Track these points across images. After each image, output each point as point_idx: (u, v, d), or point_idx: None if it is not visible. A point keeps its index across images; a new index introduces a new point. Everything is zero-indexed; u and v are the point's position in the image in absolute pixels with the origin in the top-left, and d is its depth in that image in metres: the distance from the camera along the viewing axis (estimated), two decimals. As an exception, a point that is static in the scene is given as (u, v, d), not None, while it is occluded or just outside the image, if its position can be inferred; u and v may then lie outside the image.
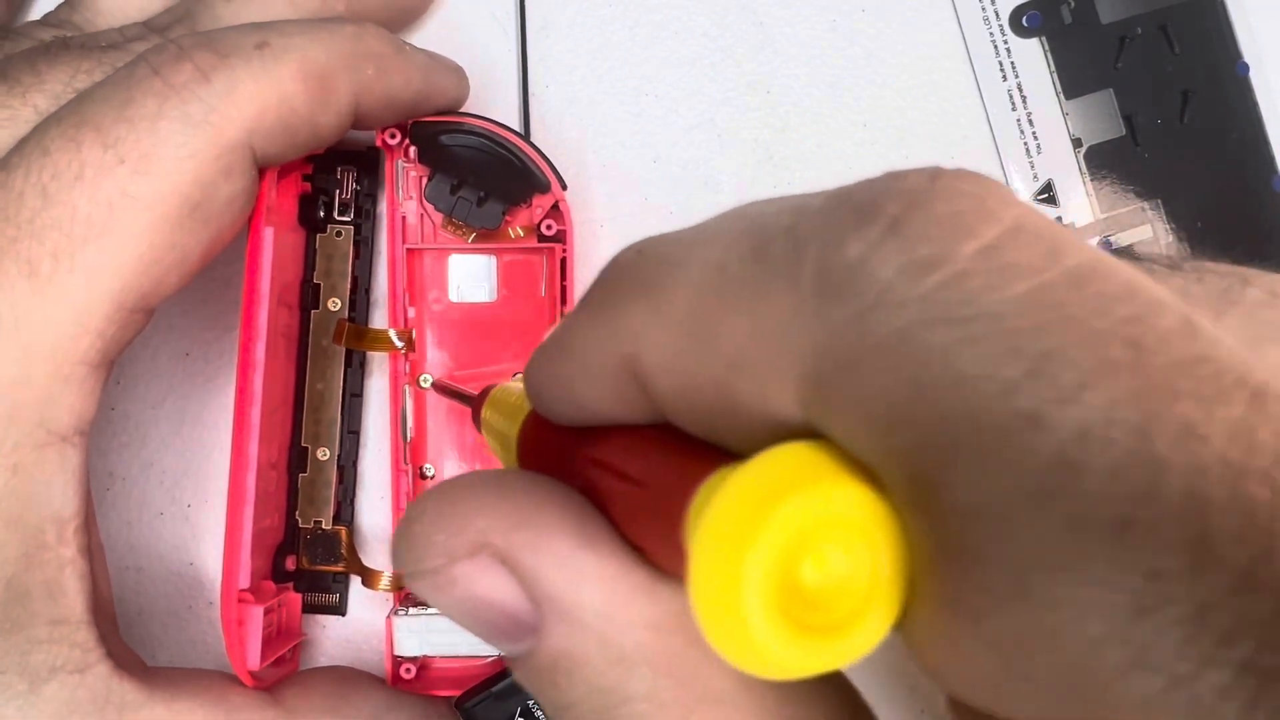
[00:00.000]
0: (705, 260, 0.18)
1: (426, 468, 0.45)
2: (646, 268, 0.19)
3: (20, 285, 0.32)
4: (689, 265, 0.18)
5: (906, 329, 0.15)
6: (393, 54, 0.38)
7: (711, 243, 0.18)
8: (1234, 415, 0.14)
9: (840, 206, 0.16)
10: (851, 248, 0.16)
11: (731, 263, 0.17)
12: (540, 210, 0.43)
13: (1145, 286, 0.15)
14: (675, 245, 0.19)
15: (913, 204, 0.16)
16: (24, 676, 0.33)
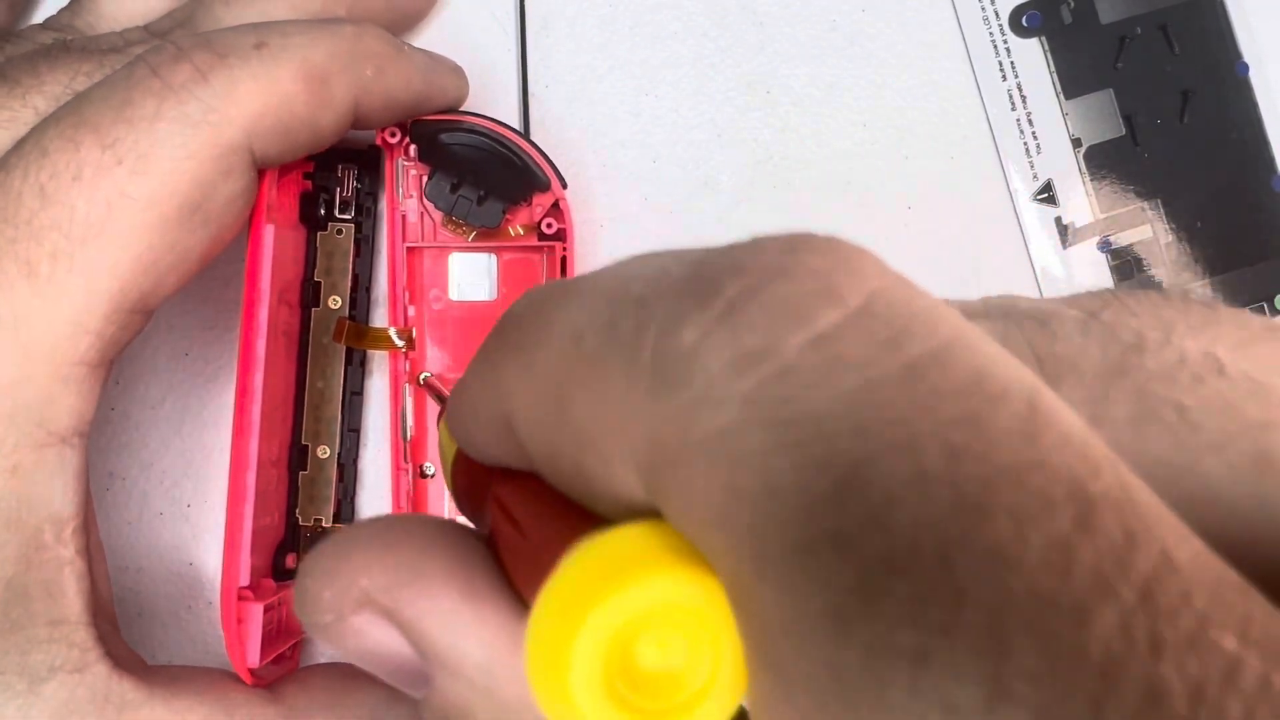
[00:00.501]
0: (569, 325, 0.17)
1: (426, 466, 0.45)
2: (527, 322, 0.19)
3: (19, 286, 0.32)
4: (558, 327, 0.17)
5: (727, 429, 0.14)
6: (392, 54, 0.38)
7: (582, 304, 0.17)
8: (1053, 534, 0.13)
9: (689, 283, 0.16)
10: (687, 334, 0.15)
11: (588, 333, 0.17)
12: (540, 209, 0.43)
13: (995, 374, 0.14)
14: (558, 299, 0.18)
15: (754, 285, 0.15)
16: (23, 676, 0.33)
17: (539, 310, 0.18)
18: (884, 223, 0.47)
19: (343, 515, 0.45)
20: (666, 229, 0.47)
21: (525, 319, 0.19)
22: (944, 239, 0.47)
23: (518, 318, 0.19)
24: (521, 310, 0.19)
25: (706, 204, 0.47)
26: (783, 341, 0.14)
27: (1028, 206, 0.48)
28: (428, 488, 0.45)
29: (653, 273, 0.16)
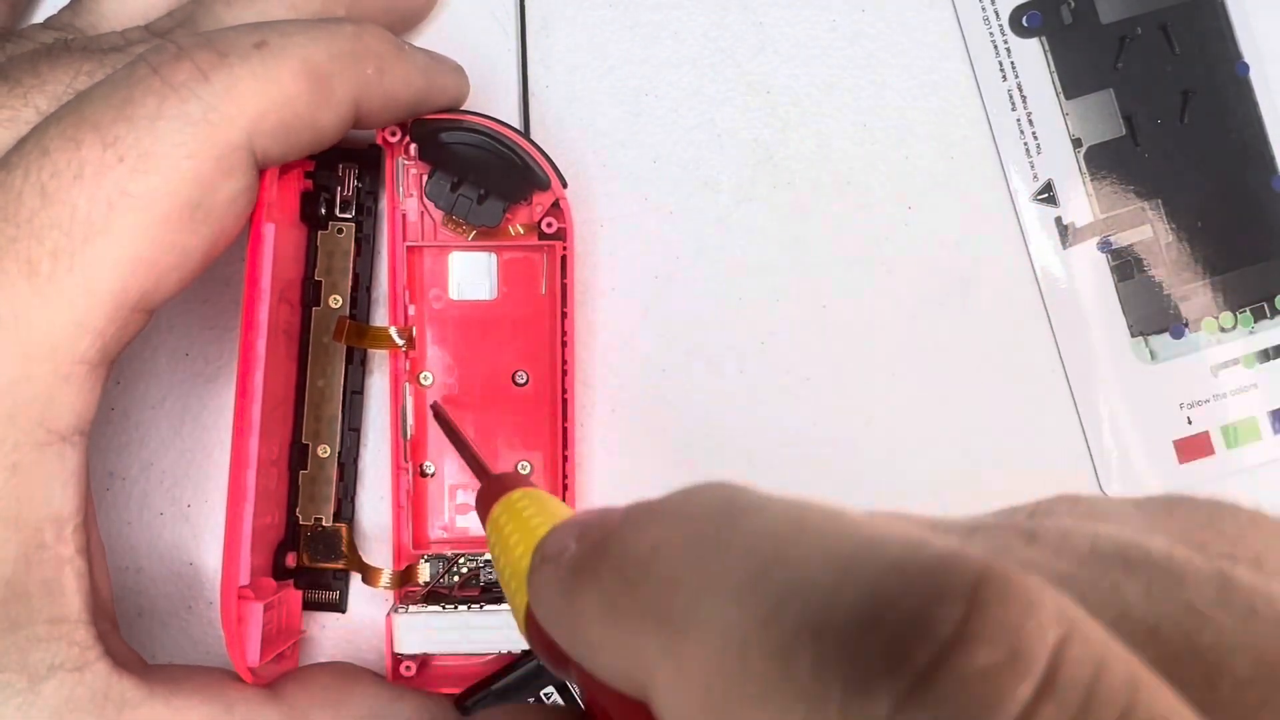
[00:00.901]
0: (728, 627, 0.17)
1: (426, 465, 0.45)
2: (661, 586, 0.19)
3: (20, 285, 0.32)
4: (708, 620, 0.18)
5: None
6: (393, 53, 0.38)
7: (731, 593, 0.18)
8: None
9: (872, 634, 0.15)
10: (879, 707, 0.15)
11: (755, 654, 0.16)
12: (540, 208, 0.43)
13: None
14: (688, 566, 0.19)
15: (942, 655, 0.15)
16: (23, 675, 0.33)
17: (678, 578, 0.19)
18: (884, 223, 0.47)
19: (343, 514, 0.45)
20: (666, 229, 0.47)
21: (662, 584, 0.19)
22: (944, 239, 0.47)
23: (651, 573, 0.20)
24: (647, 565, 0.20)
25: (706, 204, 0.47)
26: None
27: (1028, 206, 0.48)
28: (427, 486, 0.45)
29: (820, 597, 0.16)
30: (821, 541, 0.17)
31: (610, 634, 0.20)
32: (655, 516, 0.21)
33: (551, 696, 0.43)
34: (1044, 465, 0.48)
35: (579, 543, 0.22)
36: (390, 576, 0.43)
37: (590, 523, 0.23)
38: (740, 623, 0.17)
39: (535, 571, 0.24)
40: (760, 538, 0.18)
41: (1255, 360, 0.48)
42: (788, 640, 0.16)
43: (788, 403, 0.47)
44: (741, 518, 0.19)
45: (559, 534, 0.24)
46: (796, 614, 0.16)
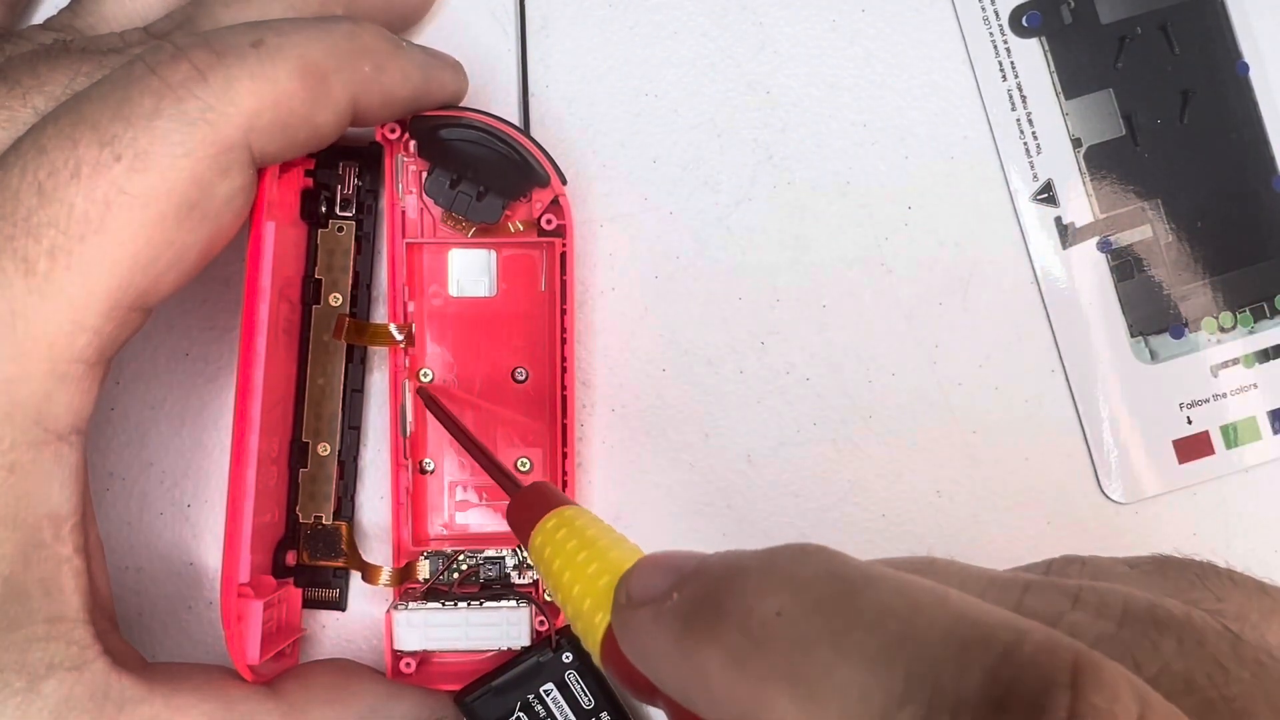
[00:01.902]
0: (865, 695, 0.20)
1: (426, 462, 0.45)
2: (790, 648, 0.21)
3: (17, 283, 0.32)
4: (842, 686, 0.20)
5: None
6: (390, 51, 0.38)
7: (863, 663, 0.20)
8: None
9: (1002, 715, 0.18)
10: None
11: (891, 714, 0.19)
12: (540, 205, 0.43)
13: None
14: (816, 631, 0.21)
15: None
16: (22, 674, 0.33)
17: (803, 639, 0.21)
18: (884, 223, 0.47)
19: (343, 512, 0.45)
20: (666, 229, 0.47)
21: (788, 640, 0.21)
22: (944, 239, 0.47)
23: (774, 631, 0.22)
24: (770, 621, 0.22)
25: (706, 204, 0.47)
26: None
27: (1028, 206, 0.48)
28: (427, 483, 0.45)
29: (945, 663, 0.19)
30: (944, 621, 0.20)
31: (735, 687, 0.22)
32: (771, 580, 0.23)
33: (551, 693, 0.43)
34: (1044, 465, 0.48)
35: (682, 593, 0.24)
36: (390, 574, 0.43)
37: (684, 570, 0.25)
38: (877, 694, 0.20)
39: (625, 611, 0.26)
40: (883, 613, 0.21)
41: (1255, 360, 0.48)
42: (926, 715, 0.19)
43: (788, 403, 0.47)
44: (859, 592, 0.21)
45: (646, 576, 0.26)
46: (929, 692, 0.19)
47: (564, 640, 0.43)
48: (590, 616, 0.28)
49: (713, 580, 0.24)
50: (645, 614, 0.25)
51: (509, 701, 0.43)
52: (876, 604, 0.21)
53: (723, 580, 0.24)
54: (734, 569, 0.24)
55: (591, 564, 0.29)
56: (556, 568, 0.30)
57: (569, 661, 0.43)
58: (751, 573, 0.23)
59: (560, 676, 0.43)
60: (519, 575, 0.45)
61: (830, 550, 0.23)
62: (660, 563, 0.26)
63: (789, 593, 0.22)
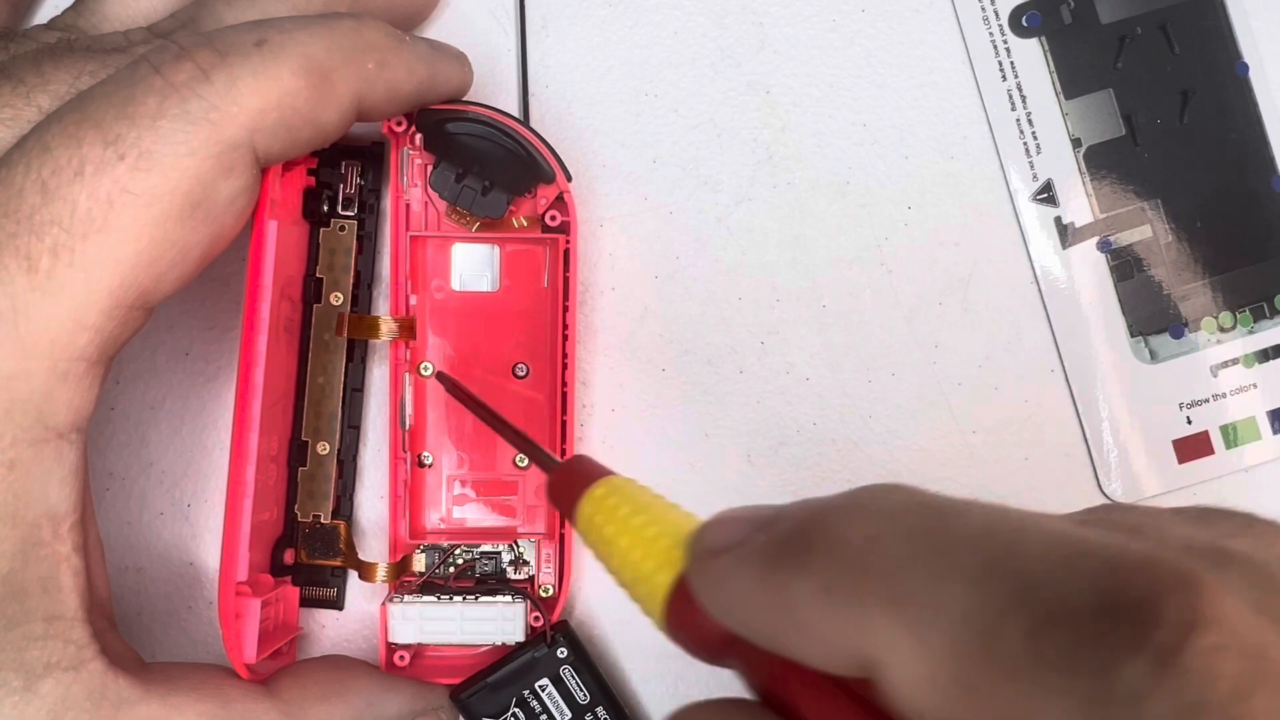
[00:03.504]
0: (969, 607, 0.20)
1: (425, 456, 0.45)
2: (888, 571, 0.22)
3: (19, 281, 0.32)
4: (948, 602, 0.21)
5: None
6: (393, 46, 0.38)
7: (966, 580, 0.21)
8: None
9: (1114, 618, 0.19)
10: (1127, 675, 0.18)
11: (1007, 634, 0.20)
12: (545, 201, 0.43)
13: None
14: (913, 554, 0.22)
15: (1176, 639, 0.18)
16: (20, 673, 0.33)
17: (901, 562, 0.22)
18: (884, 223, 0.47)
19: (341, 512, 0.45)
20: (666, 229, 0.47)
21: (885, 568, 0.22)
22: (944, 239, 0.47)
23: (866, 558, 0.22)
24: (863, 551, 0.22)
25: (706, 204, 0.47)
26: (1210, 695, 0.18)
27: (1028, 206, 0.48)
28: (425, 477, 0.45)
29: (1055, 590, 0.20)
30: (1041, 540, 0.21)
31: (829, 616, 0.22)
32: (859, 510, 0.23)
33: (546, 688, 0.43)
34: (1044, 465, 0.48)
35: (767, 533, 0.25)
36: (386, 568, 0.43)
37: (763, 516, 0.25)
38: (980, 609, 0.20)
39: (705, 559, 0.26)
40: (979, 535, 0.21)
41: (1255, 360, 0.48)
42: (1034, 625, 0.19)
43: (788, 403, 0.47)
44: (952, 516, 0.22)
45: (724, 526, 0.26)
46: (1037, 603, 0.20)
47: (559, 635, 0.43)
48: (652, 578, 0.28)
49: (798, 519, 0.24)
50: (728, 558, 0.25)
51: (504, 697, 0.43)
52: (971, 526, 0.22)
53: (808, 517, 0.24)
54: (818, 506, 0.24)
55: (650, 527, 0.29)
56: (610, 534, 0.29)
57: (564, 656, 0.43)
58: (838, 507, 0.24)
59: (555, 671, 0.43)
60: (515, 570, 0.45)
61: (913, 487, 0.24)
62: (736, 514, 0.26)
63: (880, 521, 0.23)
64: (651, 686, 0.47)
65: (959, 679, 0.20)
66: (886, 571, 0.22)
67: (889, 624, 0.21)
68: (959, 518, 0.22)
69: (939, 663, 0.20)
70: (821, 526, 0.23)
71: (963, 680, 0.20)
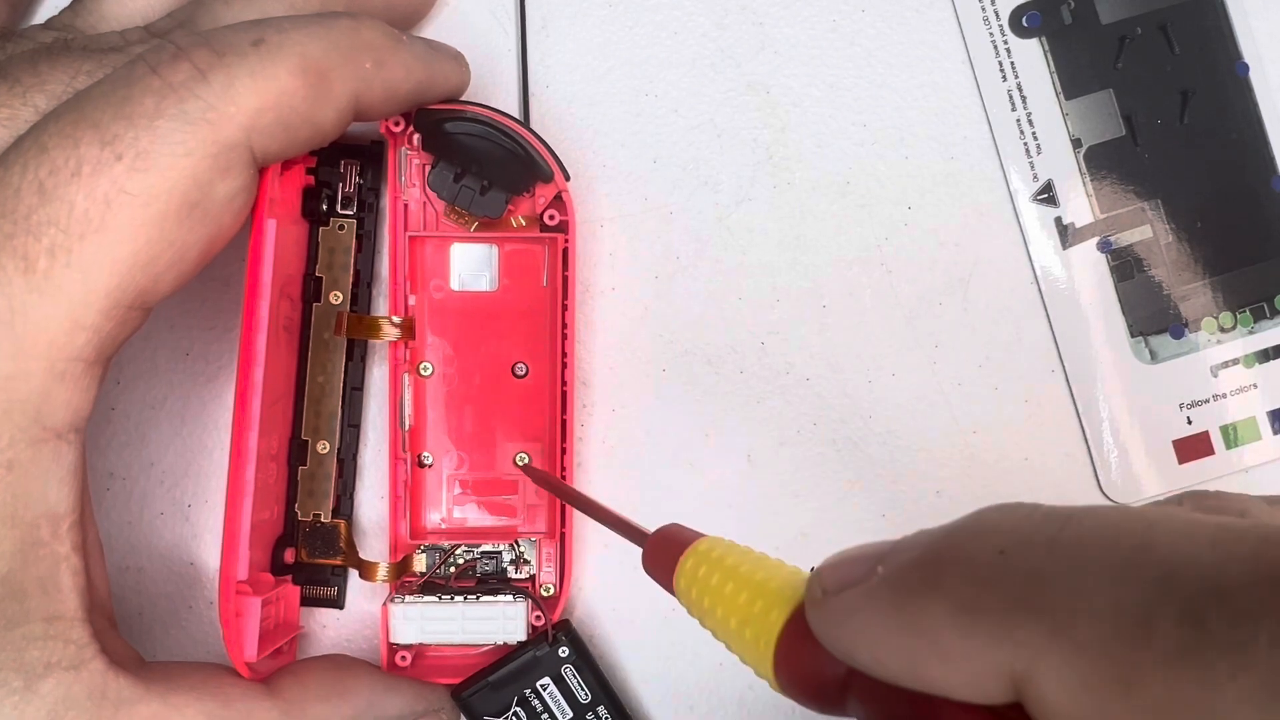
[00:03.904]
0: (1117, 601, 0.20)
1: (425, 456, 0.45)
2: (1026, 580, 0.21)
3: (16, 281, 0.32)
4: (1093, 599, 0.20)
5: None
6: (390, 45, 0.38)
7: (1108, 576, 0.20)
8: None
9: (1272, 584, 0.19)
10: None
11: (1162, 622, 0.19)
12: (543, 200, 0.43)
13: None
14: (1048, 560, 0.21)
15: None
16: (20, 673, 0.33)
17: (1035, 571, 0.21)
18: (884, 223, 0.47)
19: (341, 510, 0.45)
20: (666, 229, 0.47)
21: (1018, 579, 0.21)
22: (944, 239, 0.47)
23: (1000, 574, 0.22)
24: (997, 565, 0.22)
25: (706, 204, 0.47)
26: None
27: (1028, 206, 0.48)
28: (425, 477, 0.45)
29: (1205, 563, 0.20)
30: (1176, 529, 0.20)
31: (972, 635, 0.22)
32: (982, 529, 0.23)
33: (548, 688, 0.43)
34: (1044, 465, 0.48)
35: (887, 566, 0.24)
36: (386, 568, 0.43)
37: (879, 551, 0.25)
38: (1132, 599, 0.20)
39: (826, 601, 0.25)
40: (1111, 532, 0.21)
41: (1255, 360, 0.48)
42: (1192, 608, 0.19)
43: (788, 403, 0.47)
44: (1080, 520, 0.22)
45: (838, 568, 0.26)
46: (1190, 586, 0.19)
47: (560, 634, 0.43)
48: (754, 644, 0.28)
49: (923, 545, 0.24)
50: (851, 595, 0.24)
51: (506, 696, 0.43)
52: (1102, 526, 0.21)
53: (933, 542, 0.24)
54: (940, 531, 0.24)
55: (741, 594, 0.28)
56: (708, 605, 0.29)
57: (565, 656, 0.43)
58: (962, 528, 0.23)
59: (557, 671, 0.43)
60: (515, 570, 0.45)
61: (1022, 504, 0.24)
62: (850, 553, 0.26)
63: (1007, 534, 0.22)
64: (652, 686, 0.47)
65: (1117, 676, 0.19)
66: (1024, 581, 0.21)
67: (1035, 633, 0.21)
68: (1086, 520, 0.22)
69: (1093, 663, 0.20)
70: (950, 548, 0.23)
71: (1121, 676, 0.19)
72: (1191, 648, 0.19)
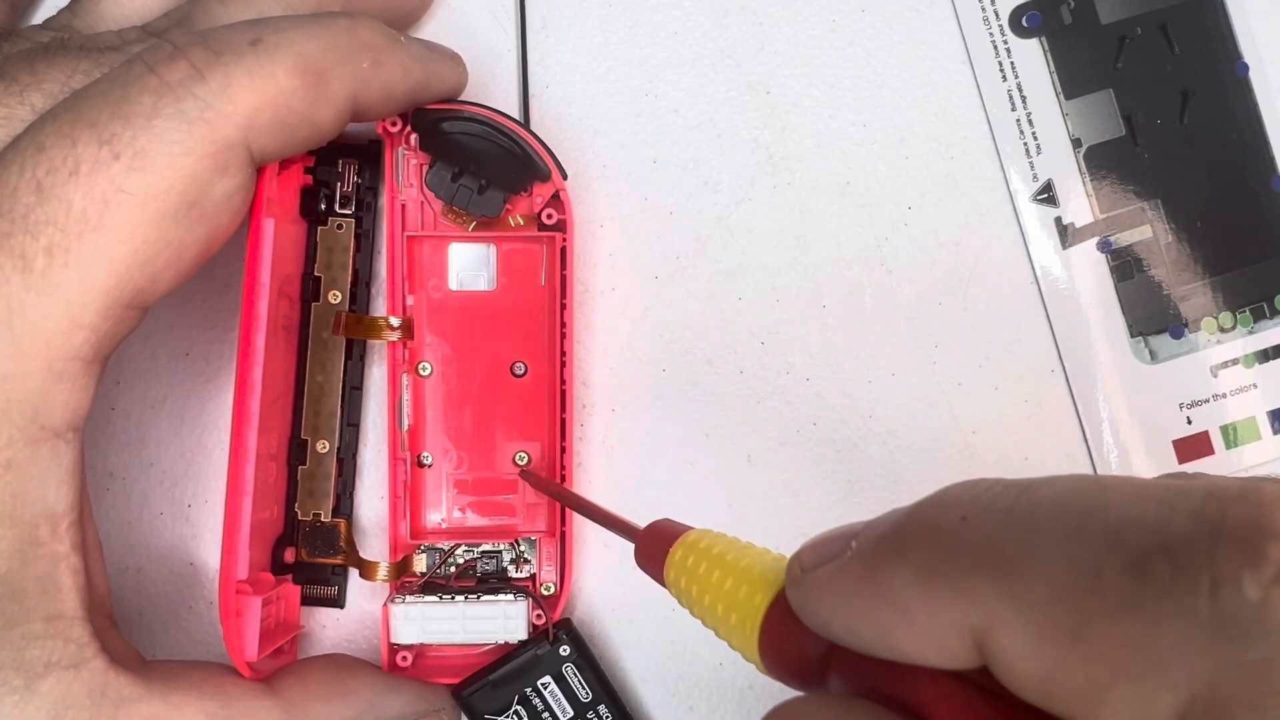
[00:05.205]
0: (1068, 558, 0.21)
1: (424, 456, 0.45)
2: (984, 543, 0.22)
3: (14, 280, 0.32)
4: (1045, 558, 0.21)
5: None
6: (388, 45, 0.38)
7: (1060, 536, 0.21)
8: None
9: (1220, 539, 0.19)
10: (1249, 590, 0.18)
11: (1108, 573, 0.20)
12: (541, 199, 0.43)
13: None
14: (1005, 524, 0.22)
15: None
16: (20, 672, 0.33)
17: (992, 533, 0.22)
18: (884, 223, 0.47)
19: (341, 510, 0.45)
20: (666, 229, 0.47)
21: (977, 541, 0.22)
22: (944, 239, 0.47)
23: (960, 536, 0.23)
24: (958, 529, 0.23)
25: (706, 204, 0.47)
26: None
27: (1028, 206, 0.48)
28: (425, 477, 0.45)
29: (1151, 518, 0.20)
30: (1128, 489, 0.21)
31: (933, 598, 0.22)
32: (945, 500, 0.24)
33: (549, 686, 0.43)
34: (1044, 465, 0.47)
35: (859, 541, 0.25)
36: (387, 568, 0.43)
37: (852, 530, 0.26)
38: (1083, 554, 0.20)
39: (803, 578, 0.26)
40: (1066, 495, 0.22)
41: (1255, 360, 0.48)
42: (1136, 558, 0.20)
43: (788, 403, 0.47)
44: (1035, 488, 0.23)
45: (815, 547, 0.27)
46: (1136, 538, 0.20)
47: (561, 633, 0.43)
48: (740, 628, 0.28)
49: (889, 520, 0.25)
50: (825, 570, 0.25)
51: (506, 695, 0.43)
52: (1057, 490, 0.22)
53: (900, 516, 0.24)
54: (906, 507, 0.25)
55: (727, 580, 0.29)
56: (696, 594, 0.30)
57: (566, 654, 0.43)
58: (927, 502, 0.24)
59: (558, 669, 0.43)
60: (516, 569, 0.45)
61: (981, 479, 0.24)
62: (825, 535, 0.27)
63: (969, 504, 0.23)
64: (653, 684, 0.47)
65: (1066, 627, 0.20)
66: (982, 545, 0.22)
67: (992, 592, 0.21)
68: (1044, 487, 0.22)
69: (1045, 616, 0.21)
70: (915, 519, 0.24)
71: (1070, 627, 0.20)
72: (1137, 596, 0.19)
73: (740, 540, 0.31)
